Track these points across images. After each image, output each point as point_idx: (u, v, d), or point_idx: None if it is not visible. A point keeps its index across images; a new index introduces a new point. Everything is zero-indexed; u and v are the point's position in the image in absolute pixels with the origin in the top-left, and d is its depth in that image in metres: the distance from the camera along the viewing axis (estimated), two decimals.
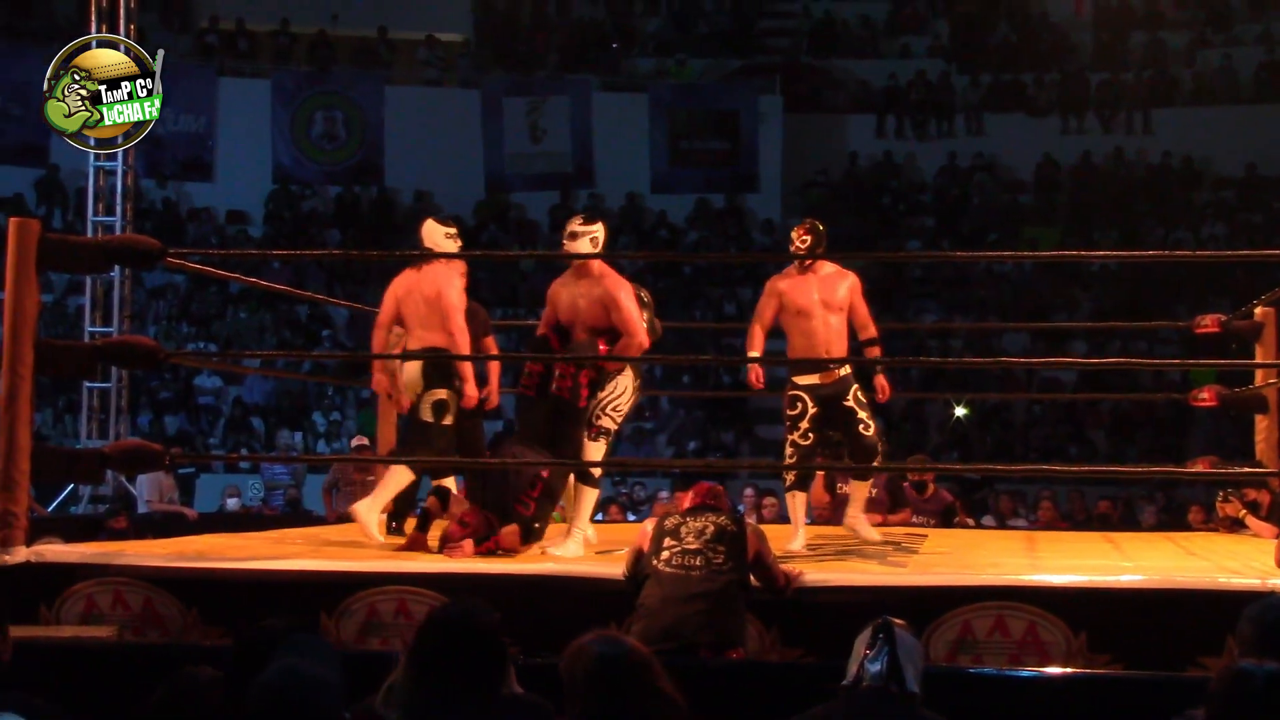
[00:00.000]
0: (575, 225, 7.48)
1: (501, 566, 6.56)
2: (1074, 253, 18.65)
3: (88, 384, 15.43)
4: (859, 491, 8.17)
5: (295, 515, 14.60)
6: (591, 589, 6.06)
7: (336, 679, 3.37)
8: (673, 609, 5.48)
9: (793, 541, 7.71)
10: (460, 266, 8.22)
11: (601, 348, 7.32)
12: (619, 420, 7.42)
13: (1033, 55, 24.78)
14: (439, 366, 7.74)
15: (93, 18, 15.29)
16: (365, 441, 12.89)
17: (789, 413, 7.85)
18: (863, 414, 7.87)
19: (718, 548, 5.63)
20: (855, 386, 7.91)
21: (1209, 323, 9.36)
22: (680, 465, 8.93)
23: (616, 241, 22.89)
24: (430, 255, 8.14)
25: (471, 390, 7.82)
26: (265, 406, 20.45)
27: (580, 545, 7.11)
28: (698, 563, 5.59)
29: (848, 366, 7.91)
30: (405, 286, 7.94)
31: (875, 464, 8.29)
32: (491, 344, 8.85)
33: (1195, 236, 22.00)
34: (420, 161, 22.95)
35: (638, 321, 7.36)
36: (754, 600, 5.72)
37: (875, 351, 8.09)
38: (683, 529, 5.73)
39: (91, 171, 15.59)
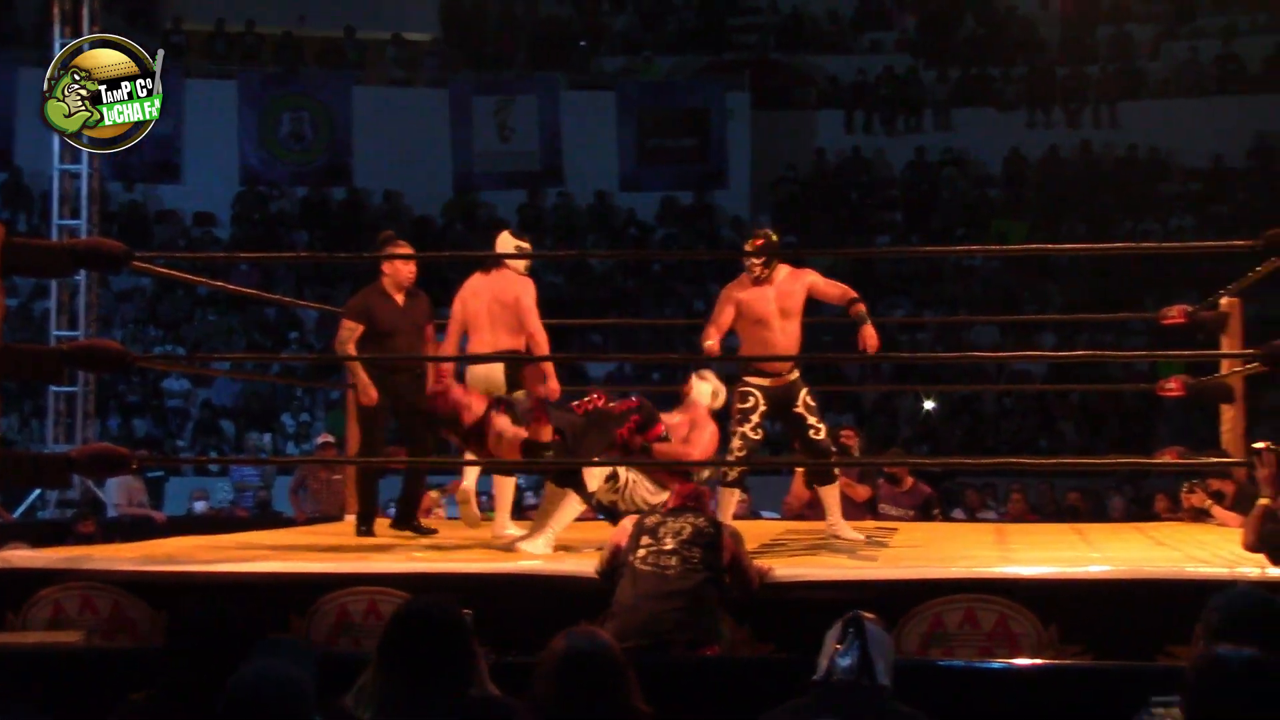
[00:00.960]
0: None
1: (473, 565, 6.55)
2: (1042, 246, 18.75)
3: (54, 388, 15.35)
4: (829, 497, 8.12)
5: (265, 517, 14.55)
6: (563, 587, 6.06)
7: (309, 680, 3.36)
8: (647, 606, 5.48)
9: None
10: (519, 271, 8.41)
11: None
12: None
13: (999, 49, 24.85)
14: (520, 368, 8.00)
15: (56, 20, 15.21)
16: (331, 439, 12.86)
17: (740, 406, 7.79)
18: (812, 419, 7.86)
19: (693, 549, 5.64)
20: (805, 390, 7.91)
21: (1176, 314, 9.39)
22: (649, 462, 8.86)
23: (586, 240, 22.92)
24: (397, 257, 8.22)
25: (554, 385, 7.98)
26: (234, 409, 20.38)
27: (550, 543, 7.09)
28: (673, 562, 5.61)
29: (797, 372, 7.91)
30: (473, 289, 8.31)
31: (847, 459, 8.29)
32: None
33: (1162, 228, 22.09)
34: (388, 161, 22.89)
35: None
36: (727, 599, 5.72)
37: (861, 307, 8.06)
38: (661, 529, 5.75)
39: (56, 174, 15.52)
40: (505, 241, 8.52)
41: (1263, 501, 5.63)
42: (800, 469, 10.20)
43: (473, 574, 6.29)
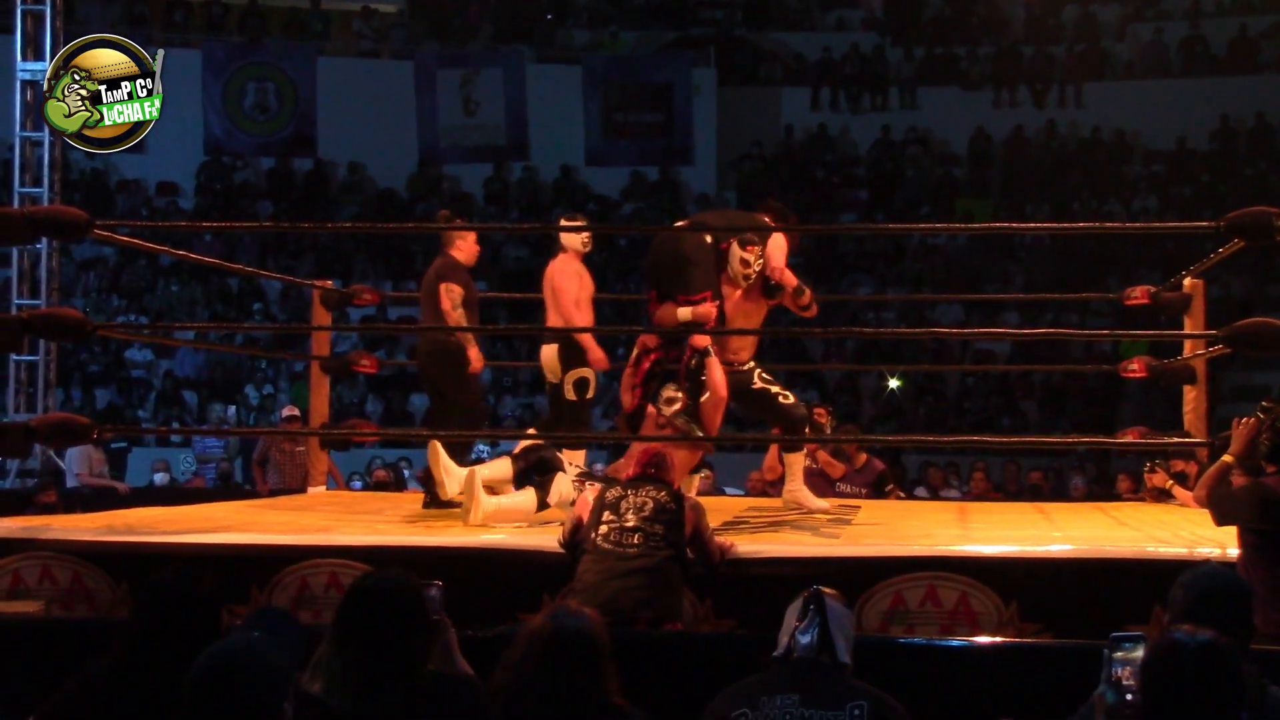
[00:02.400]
0: None
1: (435, 539, 6.54)
2: (1006, 225, 18.77)
3: (15, 357, 15.22)
4: (795, 464, 8.16)
5: (228, 489, 14.49)
6: (527, 562, 6.05)
7: (285, 661, 3.33)
8: (610, 584, 5.48)
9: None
10: (571, 254, 8.40)
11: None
12: None
13: (966, 29, 24.89)
14: (571, 347, 8.01)
15: None
16: (296, 412, 12.80)
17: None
18: (775, 388, 7.90)
19: (655, 525, 5.64)
20: (757, 369, 7.96)
21: (1139, 295, 9.43)
22: (615, 437, 8.91)
23: (550, 214, 22.87)
24: (369, 228, 8.18)
25: (597, 355, 8.07)
26: (197, 380, 20.30)
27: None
28: (635, 540, 5.60)
29: (748, 359, 7.99)
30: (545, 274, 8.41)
31: (817, 436, 8.31)
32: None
33: (1126, 209, 22.17)
34: (353, 133, 22.79)
35: None
36: (690, 575, 5.72)
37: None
38: (623, 504, 5.72)
39: (18, 142, 15.36)
40: (566, 226, 8.51)
41: (1226, 458, 5.66)
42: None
43: (434, 548, 6.28)
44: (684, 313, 7.55)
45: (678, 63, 24.09)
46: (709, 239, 7.80)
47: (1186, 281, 9.15)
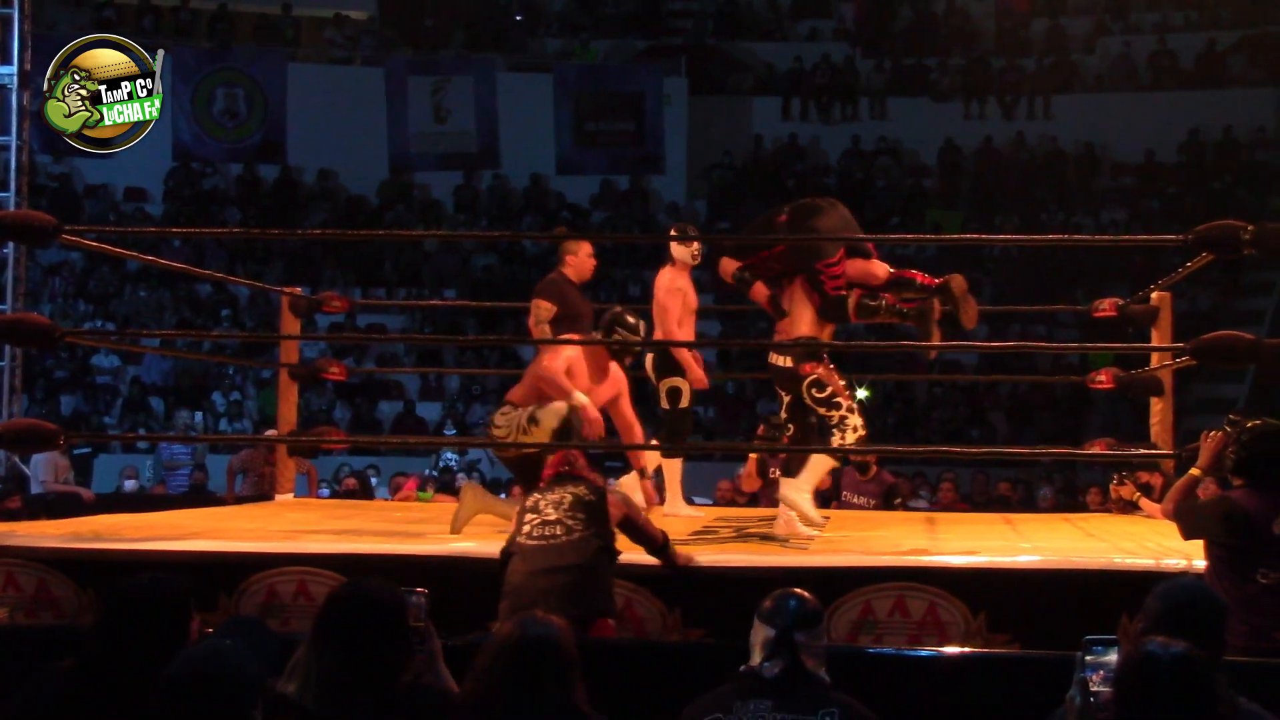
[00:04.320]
0: None
1: (405, 547, 6.52)
2: (975, 236, 18.84)
3: None
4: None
5: (199, 496, 14.43)
6: (493, 570, 6.04)
7: (255, 670, 3.32)
8: (536, 582, 5.39)
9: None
10: (679, 267, 8.58)
11: None
12: None
13: (936, 41, 24.97)
14: (665, 357, 8.37)
15: None
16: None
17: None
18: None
19: (576, 514, 5.56)
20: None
21: (1107, 307, 9.47)
22: (588, 446, 8.86)
23: (521, 222, 22.86)
24: (338, 235, 8.16)
25: (697, 374, 8.42)
26: (164, 386, 20.21)
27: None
28: (558, 531, 5.52)
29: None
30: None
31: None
32: None
33: (1095, 221, 22.26)
34: (323, 140, 22.75)
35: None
36: (650, 575, 5.73)
37: None
38: (541, 503, 5.66)
39: None
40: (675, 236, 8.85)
41: (1194, 471, 5.68)
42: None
43: (404, 555, 6.26)
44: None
45: (649, 72, 24.12)
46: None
47: (1154, 294, 9.19)
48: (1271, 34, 23.78)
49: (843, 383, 7.39)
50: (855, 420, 7.32)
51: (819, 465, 7.44)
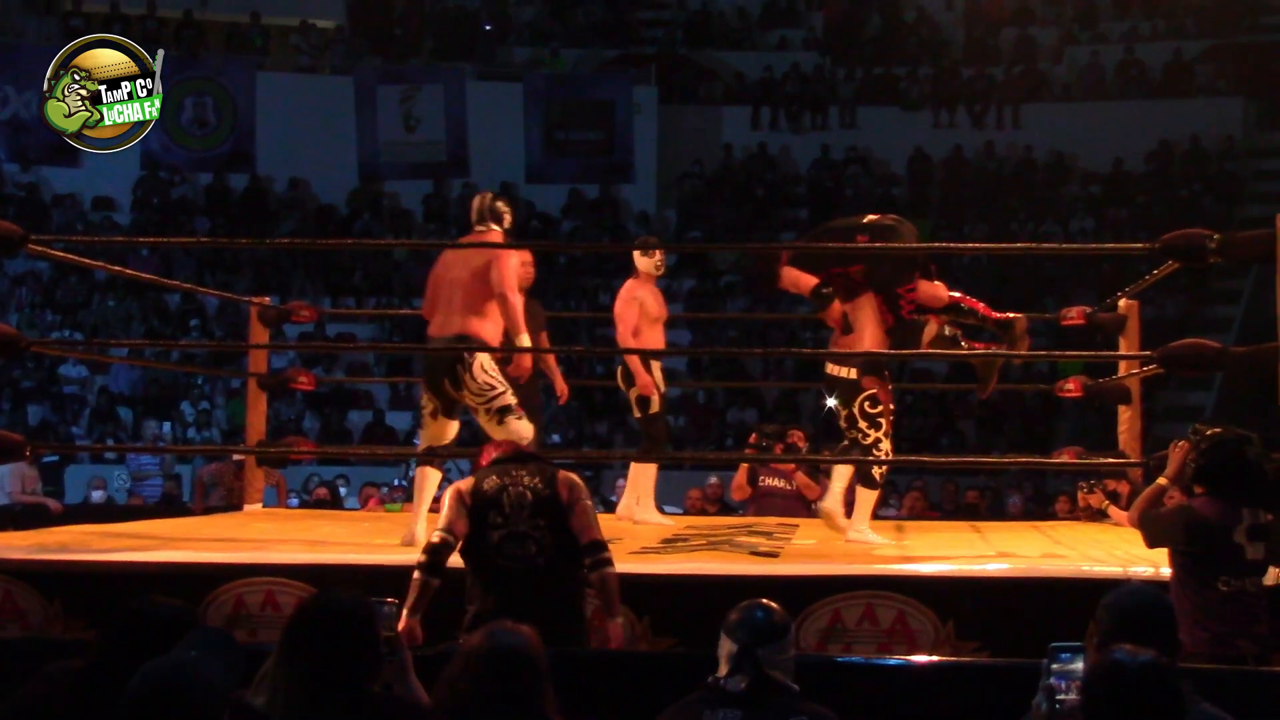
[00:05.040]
0: None
1: (371, 557, 6.50)
2: (945, 245, 18.86)
3: None
4: (865, 501, 7.71)
5: (168, 507, 14.38)
6: (462, 579, 6.02)
7: (220, 678, 3.31)
8: (522, 611, 5.16)
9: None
10: (642, 278, 8.74)
11: None
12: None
13: (905, 50, 25.04)
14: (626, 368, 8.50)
15: None
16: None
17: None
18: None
19: (538, 521, 5.29)
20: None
21: (1075, 315, 9.50)
22: (554, 455, 8.87)
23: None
24: (307, 244, 8.18)
25: (644, 379, 8.50)
26: (132, 396, 20.12)
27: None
28: (531, 550, 5.28)
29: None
30: None
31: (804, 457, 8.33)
32: (544, 338, 9.28)
33: (1063, 230, 22.34)
34: (293, 149, 22.69)
35: None
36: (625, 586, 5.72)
37: None
38: (504, 499, 5.33)
39: None
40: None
41: (1160, 481, 5.71)
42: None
43: (372, 565, 6.25)
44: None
45: (619, 81, 24.14)
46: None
47: (1122, 302, 9.23)
48: (1238, 44, 23.95)
49: (892, 405, 7.52)
50: (887, 446, 7.48)
51: (866, 501, 7.56)
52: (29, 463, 13.31)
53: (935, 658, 5.49)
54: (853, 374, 7.49)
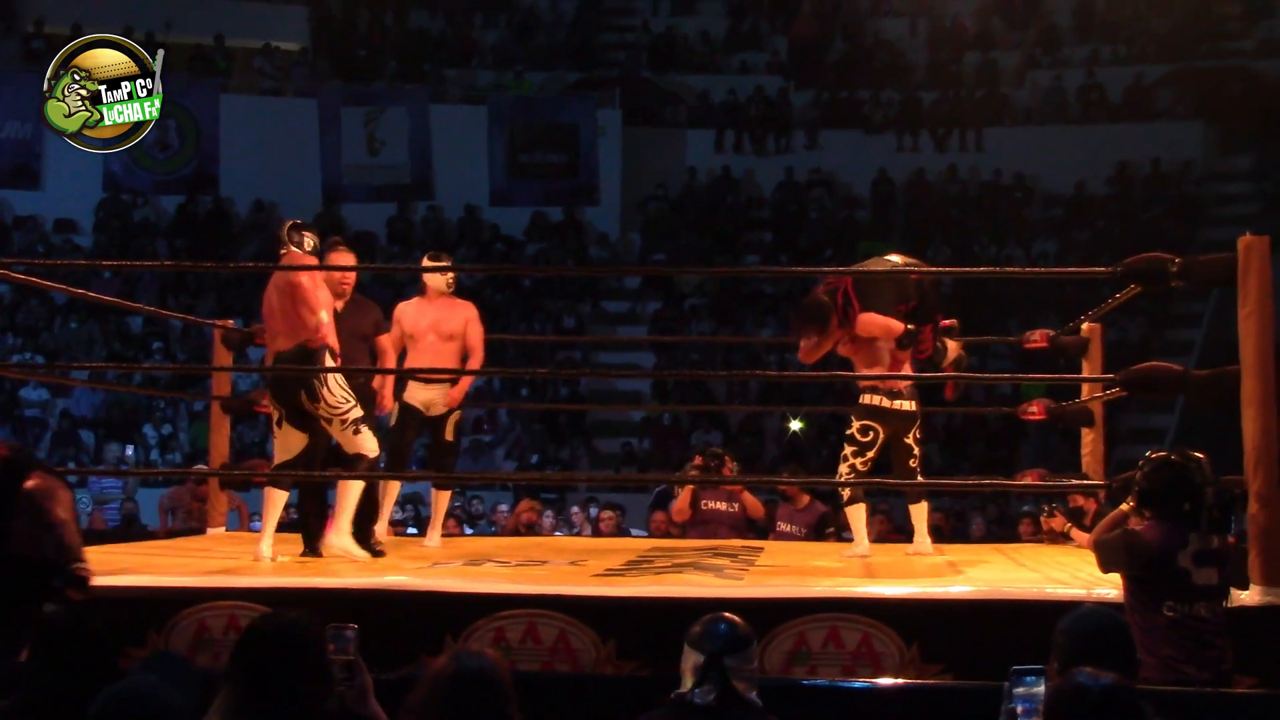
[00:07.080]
0: None
1: (335, 581, 6.48)
2: (907, 268, 18.88)
3: None
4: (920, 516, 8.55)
5: (130, 530, 14.29)
6: (429, 602, 6.01)
7: (181, 702, 3.30)
8: None
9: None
10: (429, 295, 9.28)
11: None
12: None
13: (869, 73, 25.15)
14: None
15: None
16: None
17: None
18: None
19: None
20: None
21: (1038, 338, 9.55)
22: (518, 478, 8.89)
23: (455, 253, 22.83)
24: (270, 268, 8.26)
25: (384, 395, 8.87)
26: (94, 419, 20.01)
27: None
28: None
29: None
30: None
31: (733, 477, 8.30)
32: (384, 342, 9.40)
33: (1026, 253, 22.44)
34: (256, 171, 22.63)
35: None
36: (584, 606, 5.70)
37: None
38: None
39: None
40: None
41: (1123, 506, 5.72)
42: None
43: (336, 589, 6.22)
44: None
45: (583, 103, 24.18)
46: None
47: (1084, 325, 9.28)
48: (1198, 68, 24.12)
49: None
50: (855, 464, 8.25)
51: (859, 516, 8.24)
52: None
53: (900, 680, 5.49)
54: (914, 406, 8.28)
